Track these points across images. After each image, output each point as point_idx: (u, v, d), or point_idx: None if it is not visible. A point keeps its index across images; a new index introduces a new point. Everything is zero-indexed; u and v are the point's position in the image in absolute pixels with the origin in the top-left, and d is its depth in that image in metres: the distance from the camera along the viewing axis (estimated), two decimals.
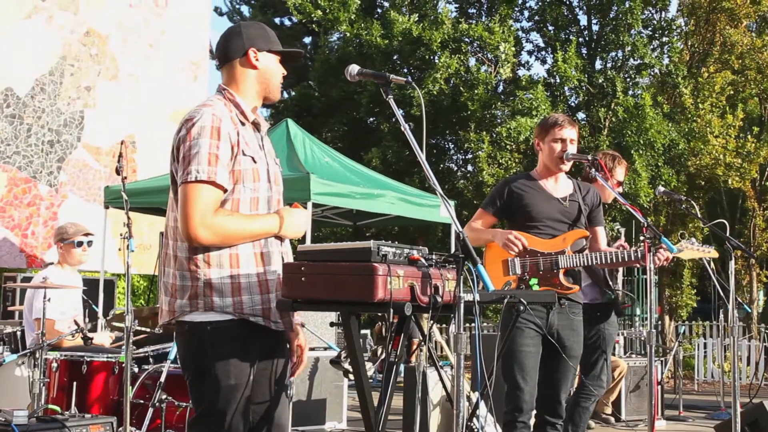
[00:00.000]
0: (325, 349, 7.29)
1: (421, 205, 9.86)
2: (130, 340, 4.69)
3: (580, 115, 17.12)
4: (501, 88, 17.37)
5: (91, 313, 7.19)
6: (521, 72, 17.90)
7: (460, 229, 2.67)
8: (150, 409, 4.96)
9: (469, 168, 18.19)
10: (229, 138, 2.84)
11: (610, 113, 15.80)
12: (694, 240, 4.55)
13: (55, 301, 5.47)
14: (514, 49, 16.53)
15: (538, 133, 4.52)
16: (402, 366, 6.89)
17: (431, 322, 2.82)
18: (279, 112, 18.82)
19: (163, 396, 4.99)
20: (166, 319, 2.90)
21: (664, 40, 16.49)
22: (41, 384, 4.98)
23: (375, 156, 16.15)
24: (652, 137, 14.74)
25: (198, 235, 2.77)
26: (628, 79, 16.41)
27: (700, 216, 5.33)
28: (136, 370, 5.19)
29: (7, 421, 4.23)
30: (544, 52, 18.01)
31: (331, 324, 3.31)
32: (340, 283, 2.67)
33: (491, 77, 16.49)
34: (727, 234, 4.88)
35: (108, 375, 5.17)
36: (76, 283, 5.97)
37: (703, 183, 16.01)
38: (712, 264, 5.67)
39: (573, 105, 17.14)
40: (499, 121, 16.23)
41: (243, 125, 2.94)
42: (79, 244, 5.93)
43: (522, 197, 4.38)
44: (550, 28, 17.37)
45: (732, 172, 15.03)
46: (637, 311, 16.30)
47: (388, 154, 16.31)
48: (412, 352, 7.58)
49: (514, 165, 15.25)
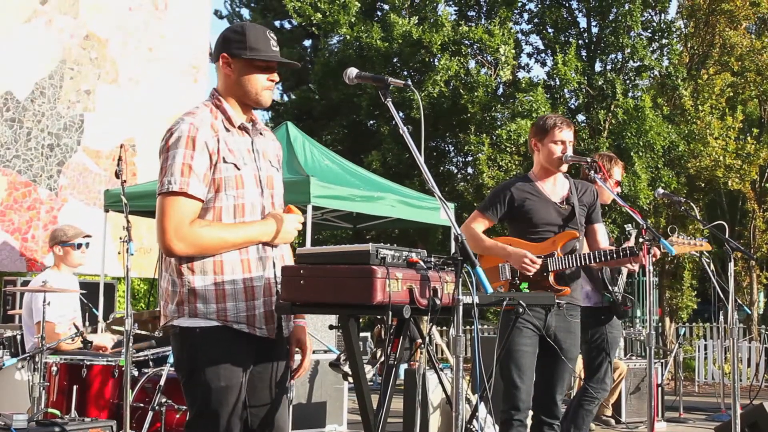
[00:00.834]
0: (324, 352, 7.29)
1: (421, 207, 9.86)
2: (130, 344, 4.69)
3: (580, 117, 17.12)
4: (501, 90, 17.37)
5: (91, 317, 7.19)
6: (521, 74, 17.92)
7: (459, 232, 2.67)
8: (150, 413, 4.96)
9: (469, 170, 18.19)
10: (206, 147, 2.82)
11: (610, 115, 15.81)
12: (684, 235, 4.52)
13: (54, 304, 5.47)
14: (513, 51, 16.54)
15: (535, 133, 4.49)
16: (402, 368, 6.90)
17: (430, 324, 2.82)
18: (279, 115, 18.86)
19: (163, 399, 4.99)
20: (162, 323, 2.94)
21: (664, 42, 16.48)
22: (41, 388, 4.98)
23: (375, 159, 16.15)
24: (651, 139, 14.73)
25: (173, 247, 2.78)
26: (628, 81, 16.41)
27: (699, 218, 5.34)
28: (135, 373, 5.19)
29: (7, 425, 4.23)
30: (543, 55, 18.02)
31: (331, 327, 3.30)
32: (339, 285, 2.68)
33: (491, 80, 16.49)
34: (727, 236, 4.88)
35: (108, 378, 5.17)
36: (74, 285, 5.97)
37: (702, 185, 16.00)
38: (712, 266, 5.66)
39: (573, 107, 17.15)
40: (499, 123, 16.22)
41: (228, 131, 2.92)
42: (78, 246, 5.93)
43: (523, 204, 4.37)
44: (550, 30, 17.37)
45: (732, 173, 15.03)
46: (638, 313, 16.30)
47: (388, 156, 16.31)
48: (413, 353, 7.58)
49: (514, 167, 15.24)
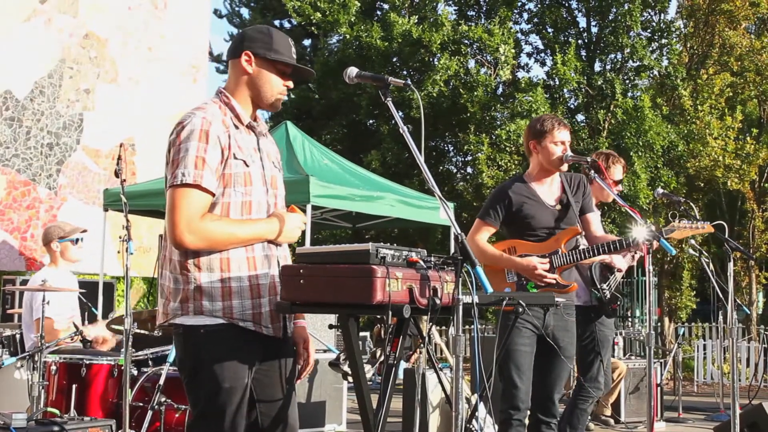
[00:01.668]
0: (324, 351, 7.29)
1: (420, 207, 9.86)
2: (130, 343, 4.69)
3: (579, 117, 17.13)
4: (500, 90, 17.37)
5: (90, 316, 7.18)
6: (520, 74, 17.92)
7: (459, 231, 2.66)
8: (149, 412, 4.95)
9: (469, 170, 18.19)
10: (218, 141, 2.81)
11: (610, 115, 15.81)
12: (685, 220, 4.50)
13: (54, 303, 5.47)
14: (513, 51, 16.54)
15: (533, 135, 4.47)
16: (401, 368, 6.90)
17: (430, 324, 2.82)
18: (278, 114, 18.83)
19: (163, 399, 4.99)
20: (161, 321, 2.90)
21: (663, 42, 16.49)
22: (40, 387, 4.98)
23: (374, 158, 16.15)
24: (651, 139, 14.74)
25: (184, 240, 2.75)
26: (628, 81, 16.41)
27: (699, 218, 5.33)
28: (135, 372, 5.19)
29: (6, 425, 4.22)
30: (543, 54, 18.03)
31: (330, 326, 3.30)
32: (338, 285, 2.67)
33: (491, 79, 16.49)
34: (726, 236, 4.89)
35: (107, 378, 5.16)
36: (72, 283, 5.97)
37: (702, 185, 16.01)
38: (711, 266, 5.66)
39: (572, 107, 17.16)
40: (498, 123, 16.23)
41: (237, 128, 2.91)
42: (76, 241, 5.95)
43: (521, 208, 4.39)
44: (550, 30, 17.38)
45: (731, 173, 15.04)
46: (637, 312, 16.31)
47: (388, 156, 16.31)
48: (413, 351, 7.57)
49: (513, 167, 15.25)
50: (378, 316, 2.75)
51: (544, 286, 4.27)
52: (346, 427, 7.49)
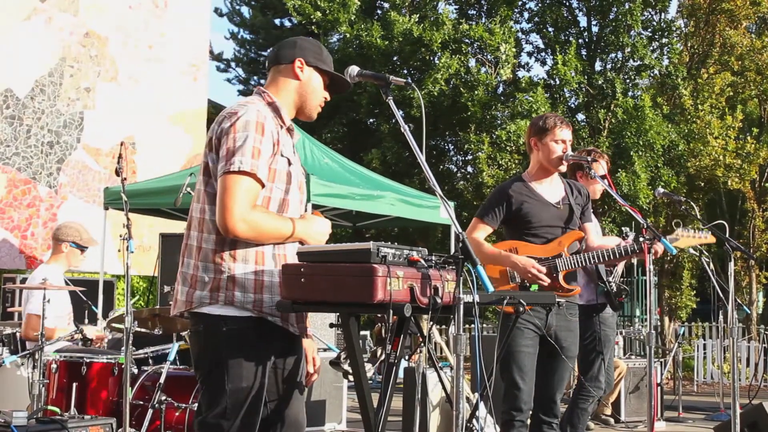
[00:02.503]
0: (324, 350, 7.29)
1: (420, 206, 9.85)
2: (130, 342, 4.69)
3: (580, 116, 17.12)
4: (501, 89, 17.37)
5: (90, 315, 7.19)
6: (521, 73, 17.92)
7: (460, 230, 2.66)
8: (149, 411, 4.96)
9: (469, 169, 18.20)
10: (271, 135, 2.85)
11: (610, 114, 15.81)
12: (689, 228, 4.51)
13: (54, 302, 5.48)
14: (514, 50, 16.53)
15: (534, 132, 4.45)
16: (401, 367, 6.89)
17: (431, 323, 2.81)
18: None
19: (163, 397, 4.99)
20: (182, 309, 2.87)
21: (664, 41, 16.49)
22: (41, 385, 4.98)
23: (375, 157, 16.15)
24: (651, 138, 14.74)
25: (236, 228, 2.75)
26: (628, 81, 16.41)
27: (699, 217, 5.33)
28: (135, 371, 5.19)
29: (7, 423, 4.22)
30: (543, 54, 18.02)
31: (331, 325, 3.30)
32: (339, 284, 2.67)
33: (491, 78, 16.49)
34: (727, 235, 4.88)
35: (107, 376, 5.17)
36: (62, 280, 6.00)
37: (702, 184, 16.01)
38: (711, 265, 5.67)
39: (573, 106, 17.15)
40: (498, 122, 16.23)
41: (281, 128, 2.96)
42: (82, 250, 6.00)
43: (521, 207, 4.36)
44: (550, 29, 17.37)
45: (731, 173, 15.04)
46: (637, 312, 16.31)
47: (388, 155, 16.31)
48: (414, 351, 7.58)
49: (513, 166, 15.24)
50: (379, 315, 2.75)
51: (546, 288, 4.25)
52: (346, 426, 7.49)
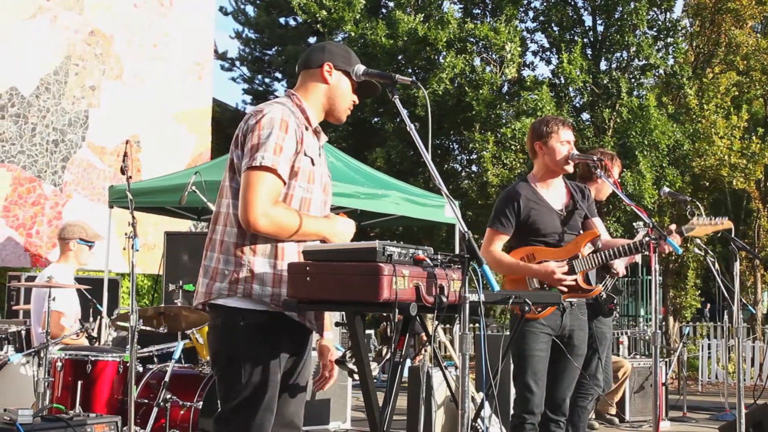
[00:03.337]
0: None
1: (425, 205, 9.85)
2: (135, 340, 4.69)
3: (585, 115, 17.10)
4: (506, 88, 17.34)
5: (95, 313, 7.19)
6: (526, 73, 17.89)
7: (465, 229, 2.65)
8: (154, 409, 4.96)
9: (474, 168, 18.17)
10: (295, 134, 2.90)
11: (615, 114, 15.78)
12: (704, 216, 4.47)
13: (59, 299, 5.49)
14: (519, 49, 16.51)
15: (537, 136, 4.42)
16: (406, 366, 6.88)
17: (436, 322, 2.81)
18: None
19: (168, 395, 5.00)
20: (201, 300, 2.92)
21: (669, 40, 16.46)
22: (46, 383, 4.99)
23: (379, 156, 16.14)
24: (656, 138, 14.71)
25: (258, 223, 2.80)
26: (633, 80, 16.38)
27: (705, 216, 5.31)
28: (140, 369, 5.20)
29: (12, 420, 4.23)
30: (549, 53, 18.00)
31: (336, 324, 3.30)
32: (345, 283, 2.67)
33: (496, 77, 16.47)
34: (732, 235, 4.87)
35: (112, 374, 5.18)
36: (72, 281, 6.01)
37: (707, 184, 15.98)
38: (716, 265, 5.65)
39: (578, 106, 17.12)
40: (503, 121, 16.20)
41: (306, 129, 3.00)
42: (90, 246, 6.02)
43: (530, 214, 4.35)
44: (555, 28, 17.35)
45: (737, 173, 15.00)
46: (642, 312, 16.29)
47: (393, 154, 16.30)
48: (418, 353, 7.56)
49: (518, 165, 15.23)
50: (384, 314, 2.75)
51: (567, 291, 4.25)
52: (351, 425, 7.49)
